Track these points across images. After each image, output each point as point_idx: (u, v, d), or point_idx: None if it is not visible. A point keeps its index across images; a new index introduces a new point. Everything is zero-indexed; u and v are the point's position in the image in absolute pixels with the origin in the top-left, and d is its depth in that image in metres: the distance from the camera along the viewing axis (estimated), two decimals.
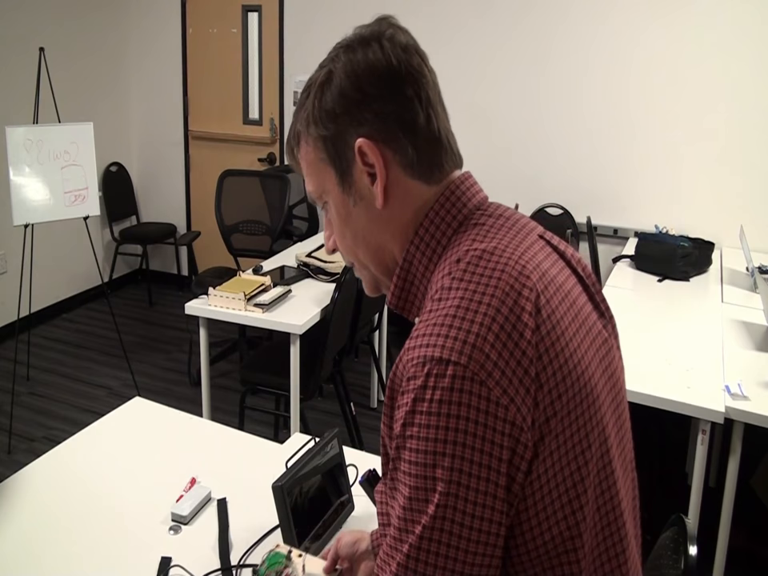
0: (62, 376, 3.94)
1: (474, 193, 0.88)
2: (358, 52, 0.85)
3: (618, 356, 0.91)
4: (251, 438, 1.70)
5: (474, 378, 0.70)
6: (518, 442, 0.71)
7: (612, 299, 3.01)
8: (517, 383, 0.71)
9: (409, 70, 0.84)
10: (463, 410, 0.70)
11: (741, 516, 2.27)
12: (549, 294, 0.78)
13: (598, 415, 0.79)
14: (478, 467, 0.70)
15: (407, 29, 0.91)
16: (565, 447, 0.75)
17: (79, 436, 1.66)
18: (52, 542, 1.31)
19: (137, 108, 5.24)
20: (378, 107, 0.83)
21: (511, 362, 0.71)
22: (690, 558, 1.05)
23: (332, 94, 0.84)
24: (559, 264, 0.86)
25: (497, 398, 0.70)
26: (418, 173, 0.85)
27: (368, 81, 0.83)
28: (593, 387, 0.79)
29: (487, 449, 0.70)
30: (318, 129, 0.85)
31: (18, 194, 3.30)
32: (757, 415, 1.96)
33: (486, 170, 4.19)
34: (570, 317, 0.80)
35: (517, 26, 3.98)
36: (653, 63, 3.72)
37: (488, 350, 0.71)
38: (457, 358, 0.71)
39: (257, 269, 3.08)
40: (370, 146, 0.82)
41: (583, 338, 0.81)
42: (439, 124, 0.86)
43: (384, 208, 0.85)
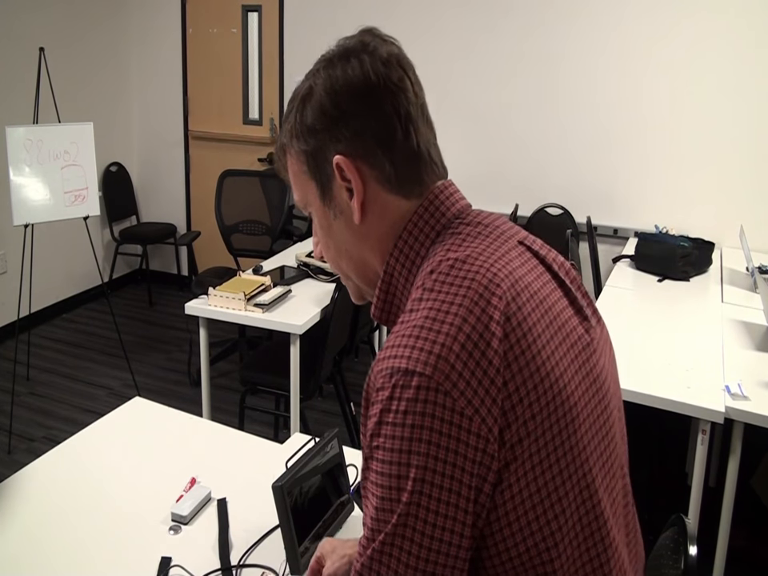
0: (62, 376, 3.94)
1: (453, 202, 0.88)
2: (337, 68, 0.85)
3: (605, 360, 0.89)
4: (251, 438, 1.69)
5: (439, 388, 0.70)
6: (485, 453, 0.71)
7: (612, 299, 3.02)
8: (483, 393, 0.71)
9: (387, 85, 0.83)
10: (427, 420, 0.70)
11: (741, 516, 2.27)
12: (521, 301, 0.77)
13: (575, 423, 0.77)
14: (441, 477, 0.70)
15: (393, 38, 0.89)
16: (538, 456, 0.74)
17: (79, 436, 1.66)
18: (52, 542, 1.31)
19: (137, 108, 5.24)
20: (355, 124, 0.83)
21: (477, 372, 0.71)
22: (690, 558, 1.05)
23: (312, 109, 0.85)
24: (537, 270, 0.85)
25: (461, 408, 0.70)
26: (396, 188, 0.85)
27: (346, 98, 0.83)
28: (569, 395, 0.77)
29: (451, 459, 0.70)
30: (300, 143, 0.87)
31: (18, 193, 3.30)
32: (757, 415, 1.96)
33: (486, 170, 4.20)
34: (545, 323, 0.79)
35: (517, 26, 3.98)
36: (653, 64, 3.72)
37: (453, 360, 0.71)
38: (422, 368, 0.71)
39: (257, 269, 3.08)
40: (346, 163, 0.84)
41: (559, 344, 0.79)
42: (419, 139, 0.85)
43: (362, 223, 0.86)
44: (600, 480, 0.81)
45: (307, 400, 2.94)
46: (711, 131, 3.67)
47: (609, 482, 0.84)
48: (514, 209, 4.05)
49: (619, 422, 0.91)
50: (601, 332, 0.91)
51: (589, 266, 3.82)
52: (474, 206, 0.92)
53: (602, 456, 0.82)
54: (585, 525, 0.79)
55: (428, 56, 4.19)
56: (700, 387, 2.08)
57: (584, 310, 0.88)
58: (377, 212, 0.86)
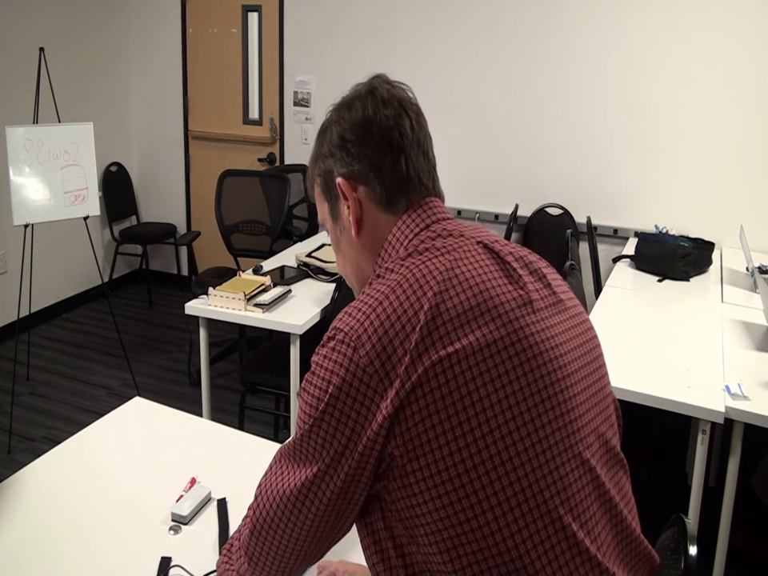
0: (62, 376, 3.94)
1: (430, 215, 1.00)
2: (347, 109, 1.02)
3: (556, 322, 0.95)
4: (251, 438, 1.70)
5: (350, 343, 0.87)
6: (372, 402, 0.85)
7: (612, 299, 3.02)
8: (384, 358, 0.85)
9: (383, 121, 0.99)
10: (336, 366, 0.87)
11: (741, 516, 2.27)
12: (450, 291, 0.89)
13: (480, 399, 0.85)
14: (340, 411, 0.86)
15: (403, 84, 1.05)
16: (431, 427, 0.83)
17: (79, 436, 1.66)
18: (52, 542, 1.31)
19: (137, 108, 5.24)
20: (354, 151, 1.00)
21: (384, 340, 0.85)
22: (690, 558, 1.05)
23: (326, 139, 1.04)
24: (484, 262, 0.95)
25: (364, 363, 0.85)
26: (386, 206, 1.00)
27: (349, 130, 1.00)
28: (481, 371, 0.85)
29: (349, 402, 0.86)
30: (317, 168, 1.06)
31: (18, 193, 3.30)
32: (757, 415, 1.96)
33: (486, 170, 4.21)
34: (470, 303, 0.88)
35: (520, 28, 3.98)
36: (652, 64, 3.72)
37: (367, 325, 0.87)
38: (344, 326, 0.88)
39: (257, 269, 3.08)
40: (344, 184, 1.00)
41: (482, 325, 0.88)
42: (409, 166, 1.00)
43: (358, 237, 1.02)
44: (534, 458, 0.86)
45: None
46: (711, 131, 3.67)
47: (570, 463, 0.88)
48: (514, 209, 4.05)
49: (593, 407, 0.95)
50: (553, 300, 0.97)
51: (589, 266, 3.82)
52: (474, 206, 0.96)
53: (541, 430, 0.87)
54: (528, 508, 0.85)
55: (430, 55, 4.19)
56: (700, 387, 2.08)
57: (523, 282, 0.95)
58: (370, 227, 1.02)
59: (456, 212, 4.21)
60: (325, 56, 4.48)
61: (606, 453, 0.95)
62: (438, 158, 1.06)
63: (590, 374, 0.96)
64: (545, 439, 0.86)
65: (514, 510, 0.84)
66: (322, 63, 4.50)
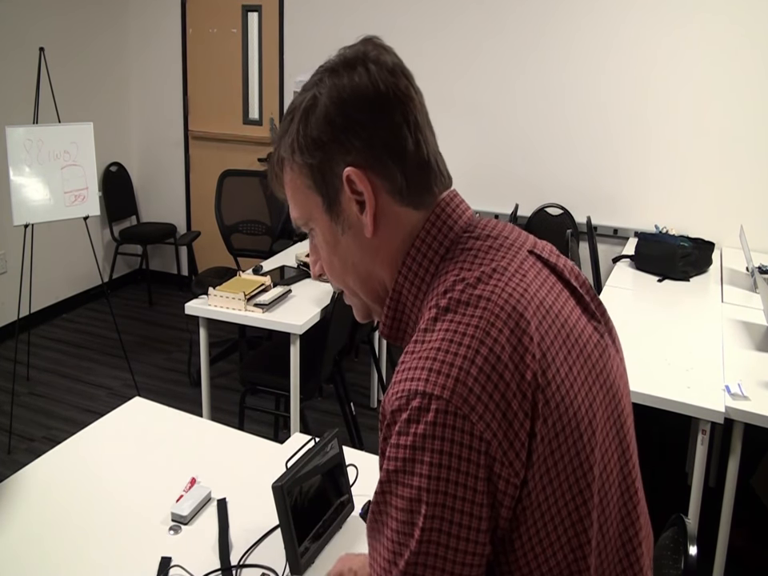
0: (62, 376, 3.94)
1: (459, 213, 0.86)
2: (343, 76, 0.83)
3: (616, 362, 0.89)
4: (251, 438, 1.70)
5: (458, 412, 0.70)
6: (500, 477, 0.71)
7: (612, 299, 3.02)
8: (500, 417, 0.71)
9: (396, 94, 0.82)
10: (446, 444, 0.70)
11: (741, 516, 2.27)
12: (536, 321, 0.77)
13: (592, 439, 0.79)
14: (461, 501, 0.70)
15: (392, 48, 0.88)
16: (556, 473, 0.74)
17: (79, 436, 1.66)
18: (52, 542, 1.31)
19: (137, 108, 5.24)
20: (365, 134, 0.80)
21: (495, 396, 0.71)
22: (690, 558, 1.05)
23: (317, 120, 0.82)
24: (549, 281, 0.84)
25: (480, 432, 0.70)
26: (407, 199, 0.83)
27: (355, 107, 0.81)
28: (584, 413, 0.78)
29: (471, 483, 0.70)
30: (304, 156, 0.83)
31: (18, 193, 3.30)
32: (757, 415, 1.96)
33: (486, 169, 4.20)
34: (560, 341, 0.79)
35: (520, 27, 3.98)
36: (652, 64, 3.72)
37: (471, 383, 0.71)
38: (440, 392, 0.70)
39: (257, 269, 3.08)
40: (358, 175, 0.81)
41: (580, 368, 0.80)
42: (428, 148, 0.84)
43: (373, 236, 0.84)
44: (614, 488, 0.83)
45: (307, 400, 2.94)
46: (711, 131, 3.67)
47: (623, 491, 0.85)
48: (514, 209, 4.05)
49: (631, 421, 0.92)
50: (610, 334, 0.91)
51: (589, 266, 3.82)
52: (474, 205, 0.92)
53: (616, 465, 0.84)
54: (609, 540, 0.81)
55: (430, 55, 4.19)
56: (700, 387, 2.08)
57: (596, 314, 0.88)
58: (388, 225, 0.84)
59: None
60: (325, 56, 4.43)
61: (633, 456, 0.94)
62: None
63: (630, 404, 0.93)
64: (621, 482, 0.84)
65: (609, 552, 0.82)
66: (322, 63, 4.49)
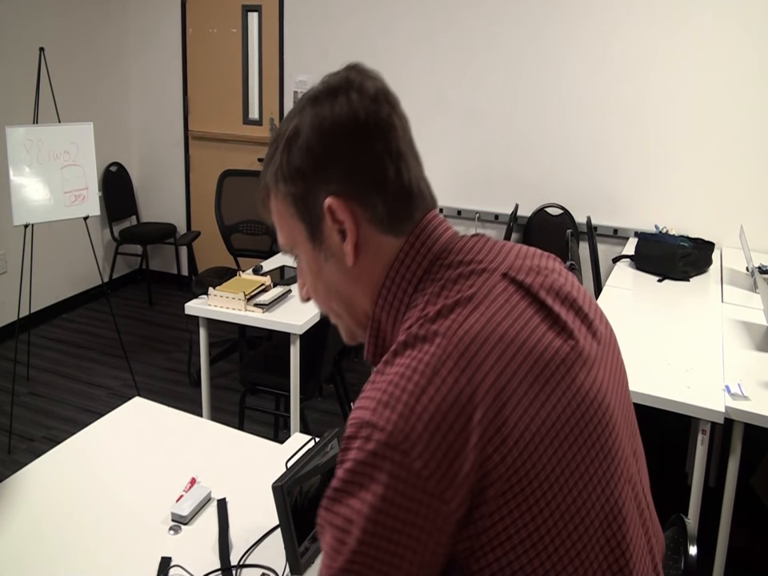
0: (62, 376, 3.94)
1: (435, 239, 0.85)
2: (324, 106, 0.82)
3: (603, 371, 0.85)
4: (251, 438, 1.70)
5: (398, 446, 0.70)
6: (438, 513, 0.70)
7: (612, 299, 3.02)
8: (440, 456, 0.70)
9: (377, 123, 0.82)
10: (383, 476, 0.70)
11: (741, 516, 2.27)
12: (495, 356, 0.75)
13: (558, 467, 0.75)
14: (390, 531, 0.70)
15: (377, 73, 0.88)
16: (517, 505, 0.73)
17: (79, 436, 1.66)
18: (52, 542, 1.31)
19: (137, 108, 5.24)
20: (346, 164, 0.81)
21: (437, 435, 0.70)
22: (690, 558, 1.05)
23: (300, 150, 0.82)
24: (518, 308, 0.81)
25: (418, 469, 0.70)
26: (388, 227, 0.83)
27: (335, 137, 0.81)
28: (546, 446, 0.75)
29: (402, 515, 0.70)
30: (287, 186, 0.84)
31: (18, 193, 3.30)
32: (757, 415, 1.96)
33: (487, 170, 4.21)
34: (523, 371, 0.76)
35: (519, 28, 3.98)
36: (652, 64, 3.72)
37: (414, 420, 0.71)
38: (384, 424, 0.71)
39: (257, 269, 3.08)
40: (339, 205, 0.81)
41: (543, 385, 0.77)
42: (410, 175, 0.84)
43: (354, 265, 0.84)
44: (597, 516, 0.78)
45: (307, 400, 2.94)
46: (711, 131, 3.67)
47: (618, 505, 0.81)
48: (514, 209, 4.05)
49: (628, 428, 0.88)
50: (593, 342, 0.86)
51: (589, 266, 3.82)
52: (475, 205, 0.91)
53: (604, 488, 0.79)
54: (592, 563, 0.77)
55: (430, 55, 4.19)
56: (700, 387, 2.08)
57: (569, 327, 0.83)
58: (369, 253, 0.84)
59: (456, 212, 4.21)
60: (325, 56, 4.48)
61: (639, 466, 0.90)
62: (439, 158, 1.02)
63: (626, 411, 0.89)
64: (606, 502, 0.78)
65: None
66: (321, 63, 4.50)
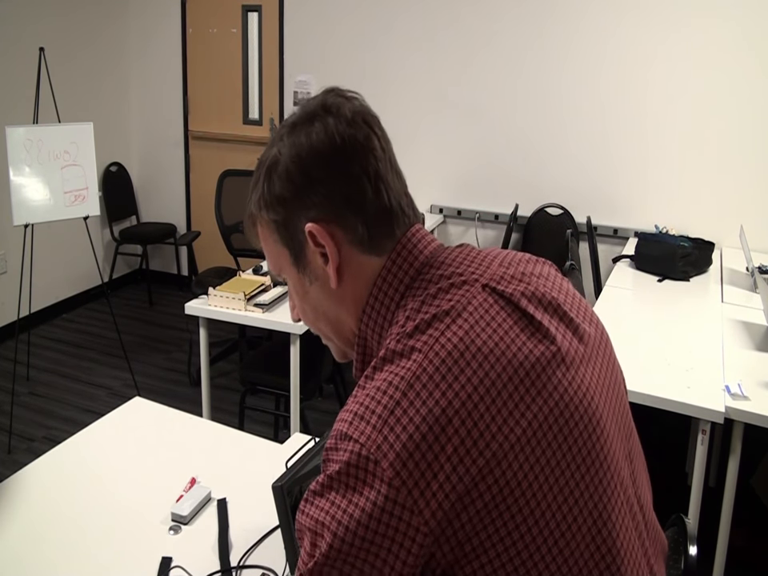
0: (62, 376, 3.94)
1: (416, 254, 0.86)
2: (301, 134, 0.84)
3: (590, 372, 0.85)
4: (251, 438, 1.70)
5: (369, 457, 0.72)
6: (409, 525, 0.71)
7: (612, 299, 3.02)
8: (412, 466, 0.72)
9: (354, 146, 0.83)
10: (358, 483, 0.72)
11: (741, 516, 2.27)
12: (471, 369, 0.76)
13: (532, 483, 0.75)
14: (360, 540, 0.72)
15: (356, 93, 0.88)
16: (498, 515, 0.73)
17: (79, 436, 1.66)
18: (52, 542, 1.31)
19: (137, 108, 5.24)
20: (324, 190, 0.83)
21: (409, 445, 0.72)
22: (690, 558, 1.05)
23: (279, 178, 0.85)
24: (497, 318, 0.81)
25: (389, 479, 0.71)
26: (369, 248, 0.85)
27: (313, 164, 0.83)
28: (526, 456, 0.75)
29: (373, 525, 0.71)
30: (270, 213, 0.86)
31: (18, 193, 3.30)
32: (757, 415, 1.96)
33: (487, 170, 4.21)
34: (502, 382, 0.76)
35: (519, 27, 3.98)
36: (653, 64, 3.72)
37: (386, 432, 0.73)
38: (358, 436, 0.73)
39: (257, 269, 3.08)
40: (318, 230, 0.83)
41: (523, 394, 0.77)
42: (390, 194, 0.85)
43: (338, 287, 0.86)
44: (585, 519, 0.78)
45: (307, 400, 2.94)
46: (711, 131, 3.67)
47: (608, 510, 0.80)
48: (514, 209, 4.05)
49: (621, 431, 0.87)
50: (579, 345, 0.86)
51: (589, 266, 3.82)
52: (475, 206, 0.91)
53: (591, 493, 0.78)
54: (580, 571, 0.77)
55: (430, 55, 4.19)
56: (700, 387, 2.08)
57: (551, 334, 0.83)
58: (352, 274, 0.86)
59: (456, 212, 4.21)
60: (325, 56, 4.48)
61: (634, 468, 0.89)
62: (439, 158, 1.02)
63: (619, 412, 0.88)
64: (594, 507, 0.78)
65: None
66: (321, 63, 4.50)
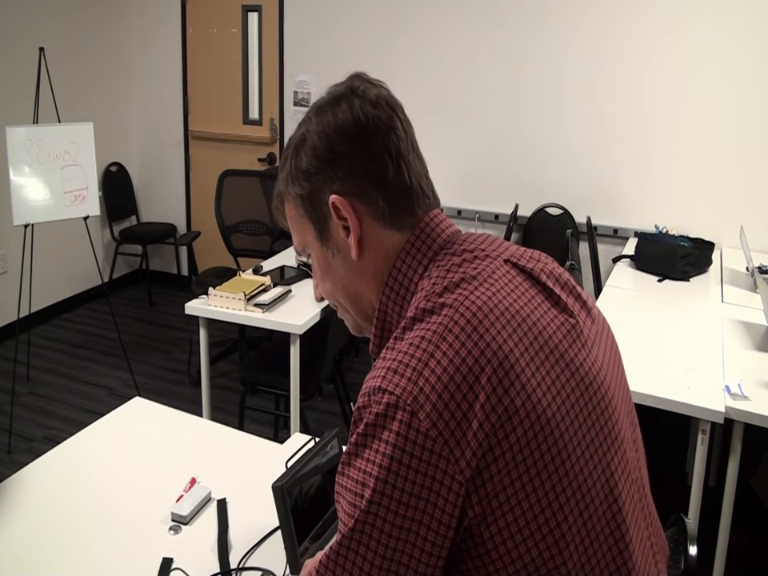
0: (62, 376, 3.94)
1: (439, 232, 0.91)
2: (328, 113, 0.90)
3: (601, 351, 0.90)
4: (251, 438, 1.70)
5: (406, 408, 0.74)
6: (445, 473, 0.73)
7: (612, 299, 3.02)
8: (448, 416, 0.74)
9: (377, 125, 0.88)
10: (392, 436, 0.75)
11: (741, 516, 2.27)
12: (498, 326, 0.80)
13: (565, 435, 0.79)
14: (399, 491, 0.74)
15: (381, 82, 0.94)
16: (525, 469, 0.76)
17: (79, 436, 1.66)
18: (52, 543, 1.31)
19: (137, 108, 5.24)
20: (347, 164, 0.88)
21: (444, 396, 0.75)
22: (690, 558, 1.05)
23: (306, 154, 0.90)
24: (521, 287, 0.87)
25: (426, 429, 0.73)
26: (390, 223, 0.90)
27: (338, 140, 0.88)
28: (555, 410, 0.78)
29: (411, 476, 0.74)
30: (296, 188, 0.92)
31: (18, 193, 3.30)
32: (757, 415, 1.96)
33: (487, 170, 4.21)
34: (527, 342, 0.81)
35: (519, 28, 3.97)
36: (652, 64, 3.72)
37: (422, 383, 0.75)
38: (393, 388, 0.76)
39: (257, 269, 3.08)
40: (341, 202, 0.88)
41: (545, 357, 0.81)
42: (411, 173, 0.90)
43: (359, 259, 0.91)
44: (600, 490, 0.81)
45: (307, 400, 2.94)
46: (711, 131, 3.67)
47: (618, 488, 0.83)
48: (514, 209, 4.05)
49: (628, 416, 0.91)
50: (592, 324, 0.92)
51: (589, 266, 3.82)
52: (475, 206, 0.93)
53: (605, 468, 0.82)
54: (594, 539, 0.80)
55: (430, 55, 4.19)
56: (700, 387, 2.08)
57: (569, 308, 0.89)
58: (373, 247, 0.90)
59: (456, 212, 4.20)
60: (325, 56, 4.48)
61: (639, 456, 0.93)
62: (439, 158, 1.04)
63: (625, 398, 0.93)
64: (609, 479, 0.82)
65: (588, 549, 0.80)
66: (322, 63, 4.50)
